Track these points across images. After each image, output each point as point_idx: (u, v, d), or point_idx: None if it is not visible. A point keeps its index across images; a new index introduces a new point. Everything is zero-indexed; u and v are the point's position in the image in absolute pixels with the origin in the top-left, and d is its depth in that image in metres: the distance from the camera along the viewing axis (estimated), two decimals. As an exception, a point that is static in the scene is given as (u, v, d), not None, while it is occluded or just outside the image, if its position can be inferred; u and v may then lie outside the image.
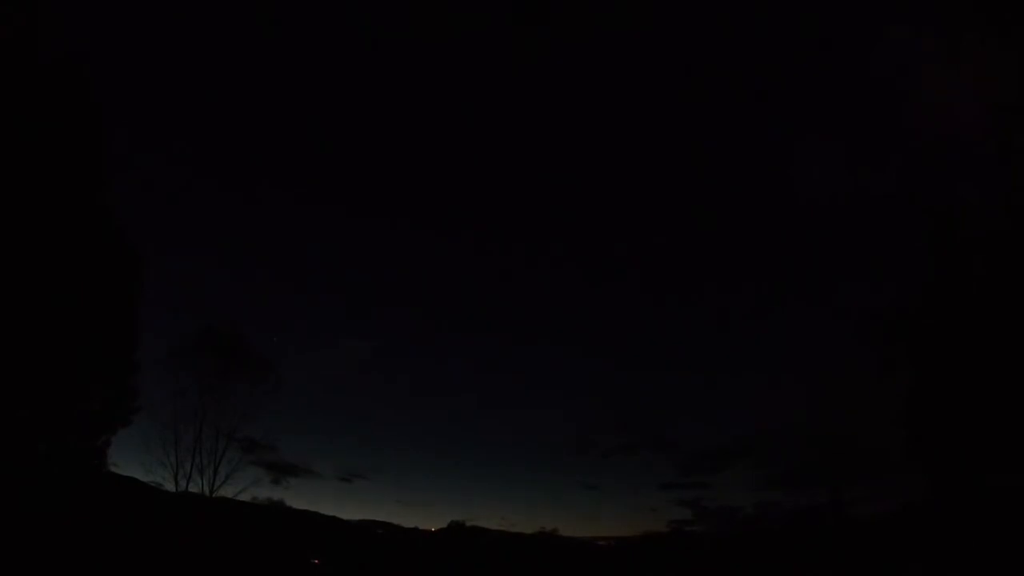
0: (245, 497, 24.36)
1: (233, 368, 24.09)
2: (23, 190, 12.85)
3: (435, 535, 40.10)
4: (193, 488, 22.81)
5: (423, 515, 54.71)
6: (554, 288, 55.33)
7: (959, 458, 17.27)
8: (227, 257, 48.03)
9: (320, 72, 46.10)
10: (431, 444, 51.50)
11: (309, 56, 44.80)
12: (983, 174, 17.84)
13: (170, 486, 22.46)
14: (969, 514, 17.32)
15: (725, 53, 42.30)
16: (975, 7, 18.60)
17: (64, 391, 14.04)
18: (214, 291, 43.46)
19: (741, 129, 46.75)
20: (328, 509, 36.71)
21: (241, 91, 46.27)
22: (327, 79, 47.12)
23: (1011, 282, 16.31)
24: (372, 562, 30.58)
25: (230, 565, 20.80)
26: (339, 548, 30.66)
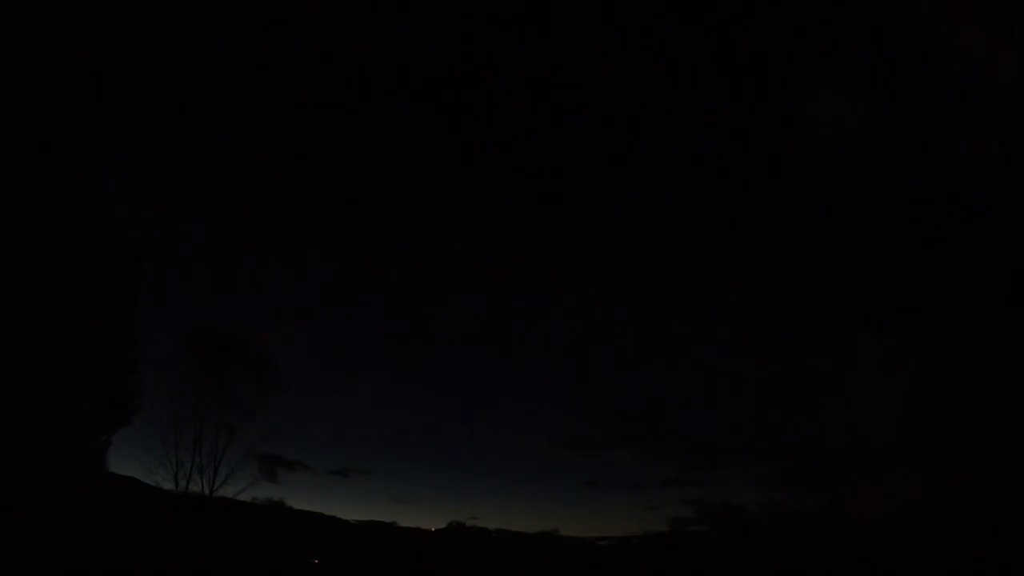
0: (245, 497, 24.41)
1: (233, 367, 24.14)
2: (23, 189, 12.84)
3: (435, 535, 40.13)
4: (193, 488, 22.85)
5: (423, 515, 54.48)
6: (552, 286, 55.27)
7: (959, 458, 17.27)
8: (227, 257, 47.88)
9: (319, 71, 46.08)
10: (431, 443, 51.33)
11: (308, 56, 44.78)
12: (983, 173, 17.85)
13: (170, 486, 22.50)
14: (969, 514, 17.31)
15: (720, 53, 42.17)
16: (976, 6, 18.61)
17: (64, 391, 14.04)
18: (214, 291, 43.28)
19: (738, 123, 46.64)
20: (328, 508, 36.61)
21: (241, 91, 46.24)
22: (326, 78, 47.10)
23: (1011, 282, 16.31)
24: (372, 562, 30.58)
25: (230, 565, 20.79)
26: (339, 548, 30.66)
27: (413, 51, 45.44)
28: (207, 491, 23.05)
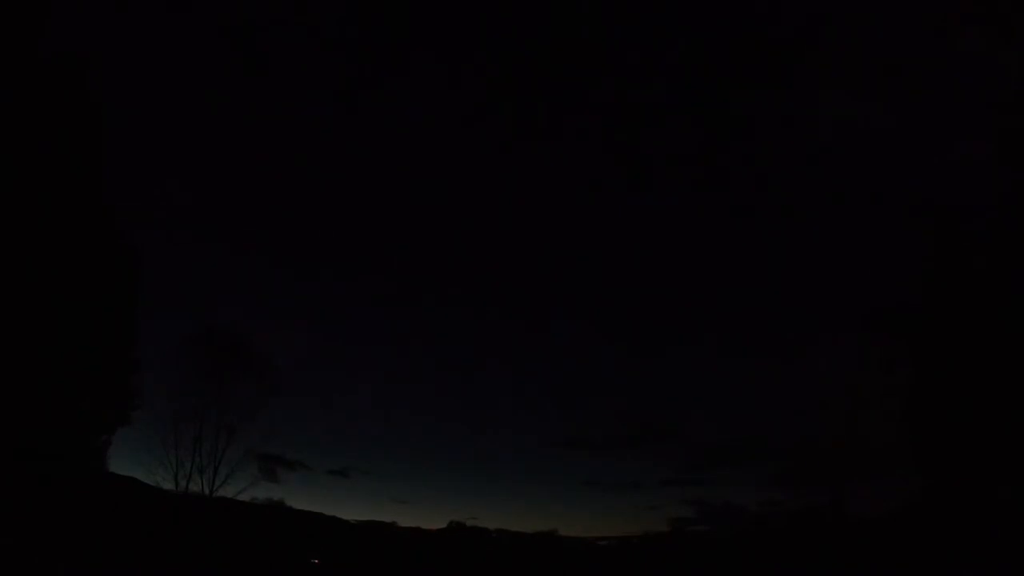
0: (245, 497, 24.45)
1: (233, 367, 24.17)
2: (23, 189, 12.85)
3: (435, 535, 40.12)
4: (193, 488, 22.88)
5: (423, 515, 54.53)
6: (552, 286, 55.35)
7: (959, 457, 17.27)
8: (227, 257, 47.89)
9: (319, 71, 46.14)
10: (431, 443, 51.34)
11: (308, 56, 44.85)
12: (983, 173, 17.85)
13: (170, 486, 22.53)
14: (969, 514, 17.32)
15: (719, 52, 42.21)
16: (976, 6, 18.61)
17: (64, 390, 14.05)
18: (214, 291, 43.28)
19: (738, 123, 46.68)
20: (328, 508, 36.62)
21: (241, 91, 46.30)
22: (325, 78, 47.15)
23: (1011, 281, 16.32)
24: (372, 562, 30.57)
25: (230, 565, 20.79)
26: (339, 548, 30.66)
27: (414, 52, 45.51)
28: (207, 491, 23.10)
